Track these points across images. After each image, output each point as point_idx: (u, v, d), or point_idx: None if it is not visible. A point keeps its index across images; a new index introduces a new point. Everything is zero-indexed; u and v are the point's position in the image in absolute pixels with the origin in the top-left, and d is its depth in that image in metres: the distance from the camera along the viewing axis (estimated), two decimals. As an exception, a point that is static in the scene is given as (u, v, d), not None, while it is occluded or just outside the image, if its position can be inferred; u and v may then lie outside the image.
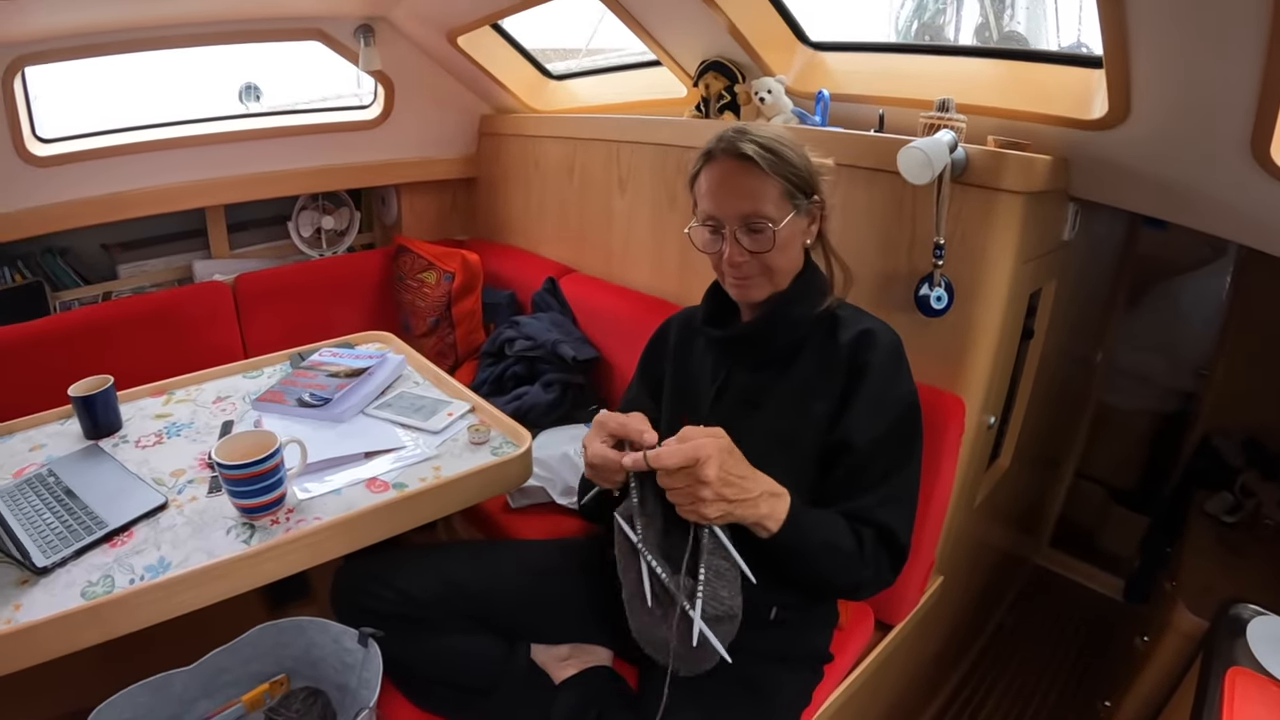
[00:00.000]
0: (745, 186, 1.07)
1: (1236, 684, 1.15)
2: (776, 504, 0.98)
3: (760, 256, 1.09)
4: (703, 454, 0.92)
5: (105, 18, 1.93)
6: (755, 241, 1.08)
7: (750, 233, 1.08)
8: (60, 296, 2.30)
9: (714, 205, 1.10)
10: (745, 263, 1.09)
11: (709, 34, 1.84)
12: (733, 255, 1.09)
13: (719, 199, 1.09)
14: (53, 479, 1.32)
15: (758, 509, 0.96)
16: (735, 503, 0.94)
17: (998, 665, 2.17)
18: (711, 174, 1.10)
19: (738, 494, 0.94)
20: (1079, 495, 2.65)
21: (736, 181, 1.07)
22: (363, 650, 1.14)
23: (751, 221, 1.07)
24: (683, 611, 0.96)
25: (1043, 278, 1.66)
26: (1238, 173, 1.28)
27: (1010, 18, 2.19)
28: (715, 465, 0.92)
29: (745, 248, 1.09)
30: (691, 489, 0.93)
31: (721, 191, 1.09)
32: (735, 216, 1.08)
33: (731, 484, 0.94)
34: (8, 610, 1.02)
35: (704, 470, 0.91)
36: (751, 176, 1.07)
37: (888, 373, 1.10)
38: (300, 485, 1.29)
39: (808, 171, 1.10)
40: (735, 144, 1.07)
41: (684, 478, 0.93)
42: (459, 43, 2.35)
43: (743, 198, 1.07)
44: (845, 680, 1.35)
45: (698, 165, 1.13)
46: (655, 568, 1.00)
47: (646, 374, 1.36)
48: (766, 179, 1.06)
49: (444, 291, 2.43)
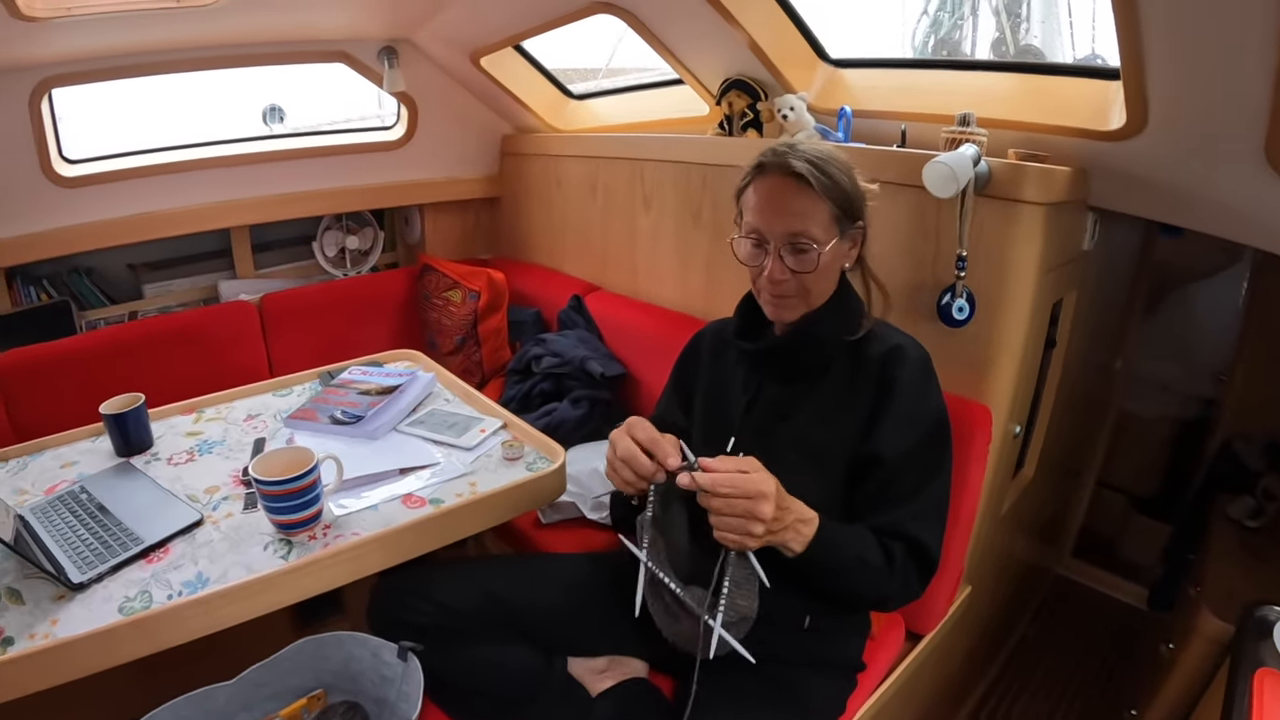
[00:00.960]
0: (795, 205, 1.07)
1: (1266, 685, 1.15)
2: (803, 529, 1.00)
3: (801, 277, 1.09)
4: (765, 491, 0.94)
5: (131, 40, 1.96)
6: (799, 262, 1.09)
7: (795, 252, 1.09)
8: (86, 316, 2.33)
9: (761, 221, 1.10)
10: (785, 281, 1.10)
11: (731, 52, 1.87)
12: (774, 273, 1.09)
13: (767, 215, 1.09)
14: (85, 495, 1.33)
15: (784, 535, 0.98)
16: (776, 533, 0.97)
17: (1022, 676, 2.16)
18: (761, 188, 1.10)
19: (779, 526, 0.97)
20: (1100, 504, 2.64)
21: (787, 199, 1.08)
22: (401, 664, 1.15)
23: (798, 241, 1.08)
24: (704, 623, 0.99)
25: (1064, 287, 1.67)
26: (1253, 178, 1.30)
27: (1026, 31, 2.22)
28: (773, 505, 0.94)
29: (788, 266, 1.09)
30: (744, 523, 0.94)
31: (770, 208, 1.09)
32: (782, 234, 1.08)
33: (779, 518, 0.96)
34: (44, 625, 1.03)
35: (762, 508, 0.93)
36: (803, 196, 1.07)
37: (917, 388, 1.11)
38: (336, 501, 1.31)
39: (855, 195, 1.11)
40: (788, 160, 1.07)
41: (742, 509, 0.93)
42: (482, 63, 2.39)
43: (791, 216, 1.07)
44: (878, 690, 1.35)
45: (748, 178, 1.13)
46: (665, 581, 1.02)
47: (678, 386, 1.38)
48: (817, 200, 1.07)
49: (470, 310, 2.45)
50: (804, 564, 1.01)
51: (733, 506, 0.94)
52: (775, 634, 1.08)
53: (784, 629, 1.11)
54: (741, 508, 0.93)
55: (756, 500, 0.93)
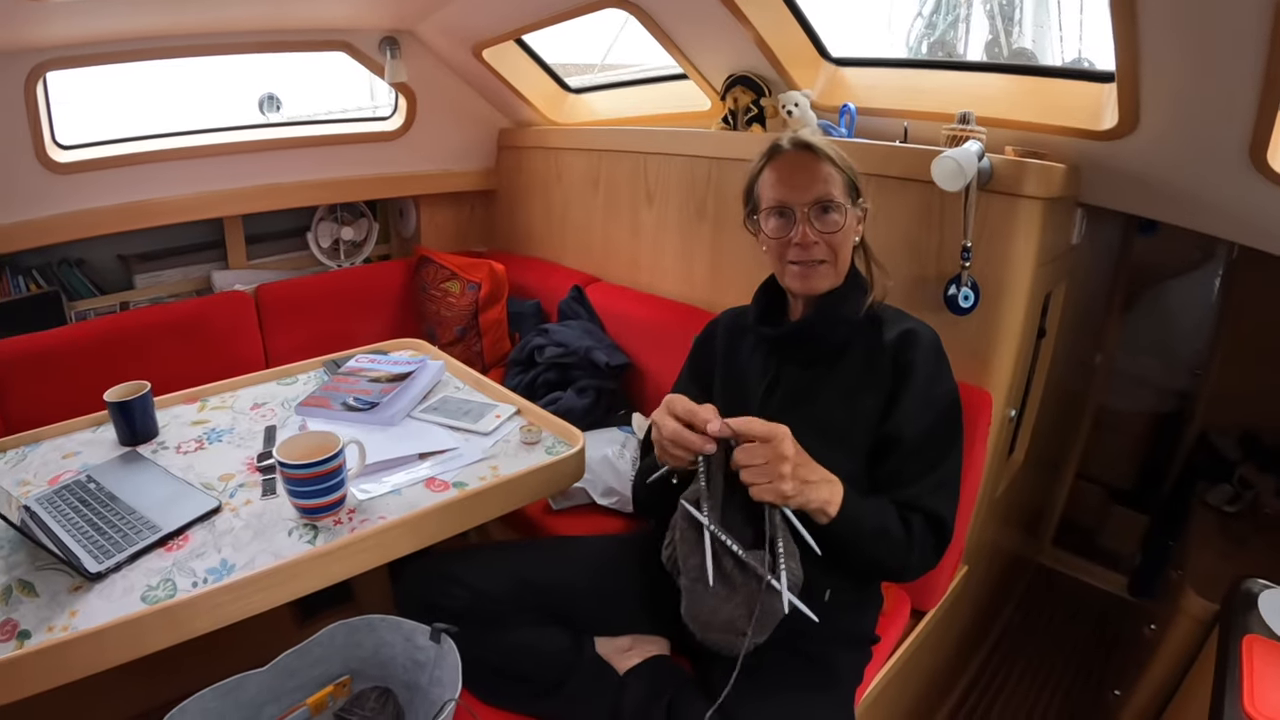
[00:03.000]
0: (817, 172, 1.15)
1: (1254, 650, 1.23)
2: (834, 490, 1.04)
3: (830, 238, 1.15)
4: (780, 431, 0.99)
5: (130, 25, 1.94)
6: (827, 223, 1.15)
7: (823, 214, 1.15)
8: (76, 307, 2.30)
9: (785, 191, 1.16)
10: (817, 244, 1.15)
11: (737, 48, 1.90)
12: (807, 235, 1.15)
13: (791, 185, 1.16)
14: (93, 485, 1.31)
15: (821, 492, 1.02)
16: (808, 484, 1.01)
17: (1009, 660, 2.22)
18: (780, 165, 1.18)
19: (809, 474, 1.01)
20: (1080, 495, 2.73)
21: (808, 169, 1.16)
22: (434, 647, 1.16)
23: (825, 202, 1.15)
24: (767, 584, 1.02)
25: (1055, 280, 1.75)
26: (1238, 178, 1.38)
27: (1019, 34, 2.28)
28: (791, 443, 0.99)
29: (818, 228, 1.15)
30: (771, 465, 0.98)
31: (794, 178, 1.16)
32: (809, 199, 1.15)
33: (805, 463, 1.01)
34: (63, 618, 1.00)
35: (784, 446, 0.98)
36: (821, 165, 1.15)
37: (931, 370, 1.17)
38: (358, 486, 1.31)
39: (857, 174, 1.19)
40: (800, 138, 1.17)
41: (765, 452, 0.98)
42: (484, 56, 2.40)
43: (815, 182, 1.15)
44: (888, 662, 1.41)
45: (760, 163, 1.21)
46: (729, 543, 1.04)
47: (695, 372, 1.41)
48: (834, 168, 1.16)
49: (470, 301, 2.46)
50: (833, 533, 1.05)
51: (758, 452, 0.98)
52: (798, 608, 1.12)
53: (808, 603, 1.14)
54: (762, 453, 0.98)
55: (775, 440, 0.98)
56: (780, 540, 1.03)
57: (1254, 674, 1.17)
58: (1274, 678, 1.16)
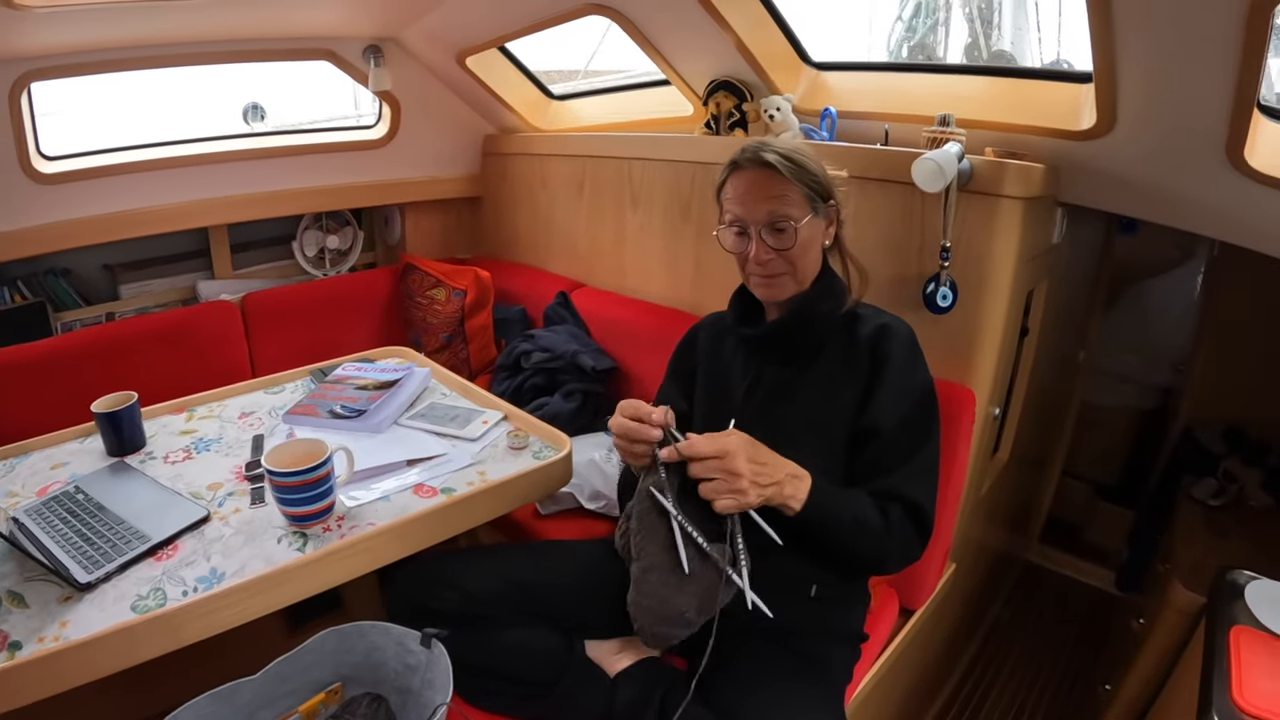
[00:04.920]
0: (769, 190, 1.18)
1: (1241, 640, 1.24)
2: (799, 484, 1.08)
3: (784, 254, 1.18)
4: (729, 447, 1.03)
5: (116, 34, 1.93)
6: (779, 240, 1.18)
7: (775, 232, 1.18)
8: (62, 317, 2.29)
9: (741, 209, 1.20)
10: (771, 260, 1.19)
11: (719, 54, 1.92)
12: (759, 253, 1.19)
13: (745, 203, 1.20)
14: (81, 495, 1.31)
15: (784, 490, 1.06)
16: (767, 487, 1.04)
17: (998, 657, 2.24)
18: (738, 181, 1.21)
19: (766, 479, 1.05)
20: (1066, 492, 2.75)
21: (761, 187, 1.18)
22: (426, 652, 1.16)
23: (776, 220, 1.17)
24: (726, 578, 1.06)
25: (1036, 278, 1.77)
26: (1215, 175, 1.41)
27: (998, 37, 2.31)
28: (743, 457, 1.03)
29: (770, 246, 1.18)
30: (727, 482, 1.02)
31: (748, 196, 1.19)
32: (761, 217, 1.18)
33: (760, 472, 1.04)
34: (53, 628, 1.00)
35: (735, 463, 1.02)
36: (775, 182, 1.17)
37: (906, 361, 1.20)
38: (347, 494, 1.31)
39: (825, 178, 1.21)
40: (759, 153, 1.18)
41: (714, 469, 1.02)
42: (468, 63, 2.40)
43: (767, 200, 1.18)
44: (878, 660, 1.42)
45: (724, 174, 1.24)
46: (692, 533, 1.07)
47: (678, 375, 1.43)
48: (788, 184, 1.17)
49: (456, 308, 2.46)
50: (804, 524, 1.08)
51: (708, 468, 1.03)
52: (786, 604, 1.13)
53: (794, 598, 1.17)
54: (715, 466, 1.03)
55: (726, 458, 1.02)
56: (740, 534, 1.07)
57: (1242, 665, 1.19)
58: (1262, 668, 1.18)
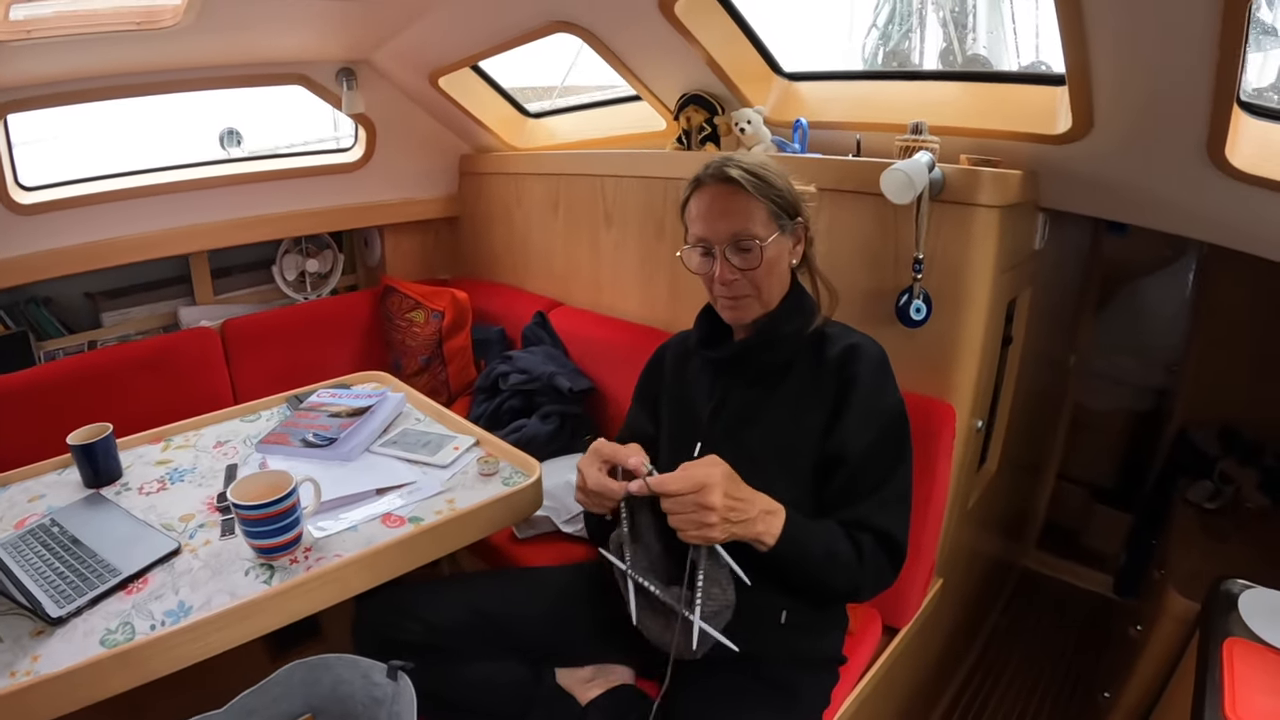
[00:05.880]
0: (733, 208, 1.14)
1: (1235, 653, 1.22)
2: (772, 521, 1.04)
3: (749, 274, 1.15)
4: (709, 481, 0.99)
5: (90, 64, 1.93)
6: (744, 259, 1.14)
7: (739, 251, 1.14)
8: (45, 346, 2.27)
9: (704, 228, 1.16)
10: (736, 280, 1.15)
11: (688, 68, 1.90)
12: (724, 274, 1.15)
13: (709, 221, 1.15)
14: (57, 529, 1.31)
15: (755, 527, 1.03)
16: (738, 524, 1.01)
17: (997, 665, 2.21)
18: (701, 199, 1.17)
19: (740, 516, 1.01)
20: (1062, 497, 2.73)
21: (724, 204, 1.14)
22: (392, 684, 1.15)
23: (740, 240, 1.13)
24: (683, 619, 1.03)
25: (1018, 286, 1.73)
26: (1196, 175, 1.38)
27: (973, 40, 2.29)
28: (719, 493, 0.99)
29: (735, 265, 1.14)
30: (697, 515, 0.99)
31: (711, 214, 1.15)
32: (725, 236, 1.14)
33: (735, 508, 1.01)
34: (25, 662, 1.00)
35: (709, 497, 0.98)
36: (738, 199, 1.13)
37: (874, 384, 1.16)
38: (315, 524, 1.30)
39: (791, 195, 1.17)
40: (722, 169, 1.14)
41: (688, 504, 0.99)
42: (440, 84, 2.39)
43: (730, 218, 1.14)
44: (860, 682, 1.38)
45: (687, 192, 1.20)
46: (648, 586, 1.07)
47: (644, 398, 1.41)
48: (752, 200, 1.13)
49: (434, 330, 2.45)
50: (776, 558, 1.05)
51: (682, 504, 0.99)
52: (755, 632, 1.11)
53: (762, 626, 1.14)
54: (690, 501, 0.99)
55: (701, 492, 0.98)
56: (702, 570, 1.04)
57: (1235, 678, 1.16)
58: (1255, 681, 1.16)
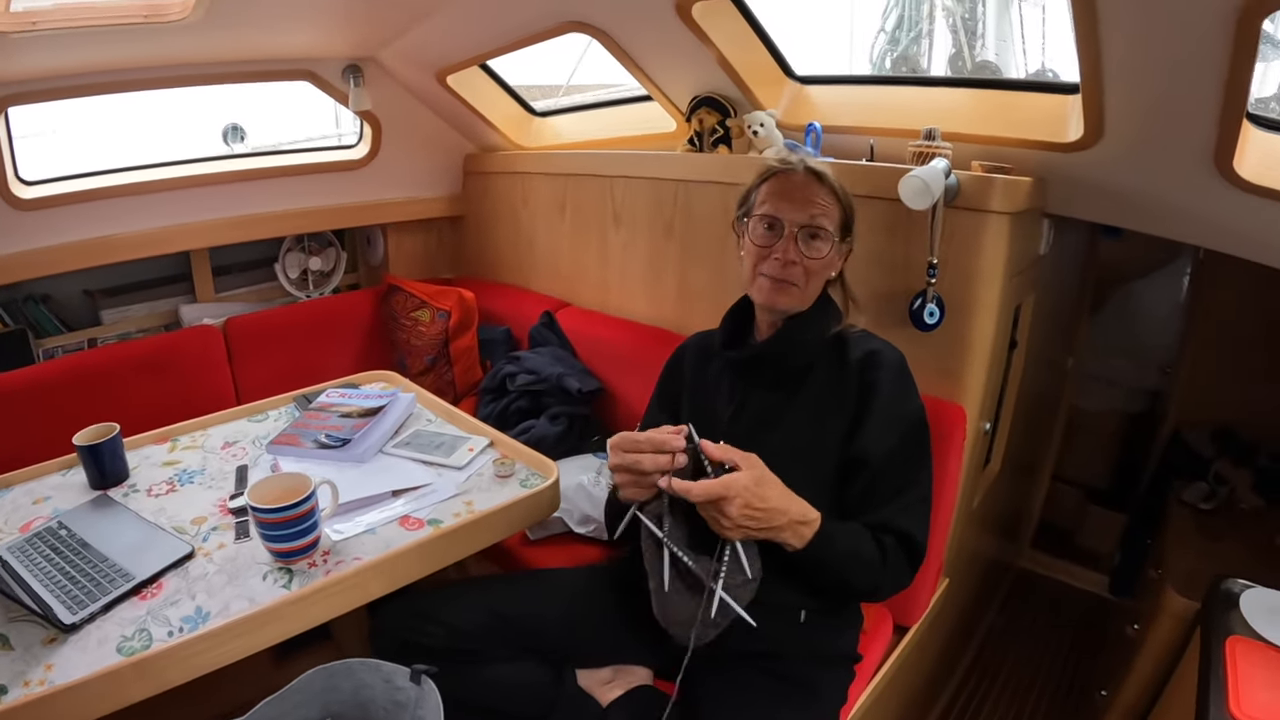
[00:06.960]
0: (817, 198, 1.17)
1: (1237, 651, 1.24)
2: (803, 530, 1.06)
3: (808, 264, 1.17)
4: (729, 492, 1.00)
5: (94, 58, 1.91)
6: (811, 248, 1.17)
7: (809, 238, 1.17)
8: (44, 344, 2.25)
9: (781, 208, 1.17)
10: (795, 265, 1.16)
11: (701, 70, 1.90)
12: (789, 252, 1.16)
13: (790, 200, 1.17)
14: (65, 532, 1.29)
15: (779, 535, 1.05)
16: (757, 531, 1.04)
17: (993, 666, 2.24)
18: (782, 182, 1.19)
19: (759, 525, 1.03)
20: (1057, 497, 2.76)
21: (808, 193, 1.17)
22: (415, 688, 1.15)
23: (815, 228, 1.16)
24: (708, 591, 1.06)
25: (1025, 292, 1.76)
26: (1203, 184, 1.40)
27: (981, 47, 2.31)
28: (738, 505, 1.01)
29: (802, 251, 1.16)
30: (715, 517, 1.02)
31: (794, 197, 1.17)
32: (802, 220, 1.16)
33: (753, 517, 1.02)
34: (38, 671, 0.99)
35: (727, 507, 1.00)
36: (823, 194, 1.17)
37: (896, 389, 1.18)
38: (331, 527, 1.29)
39: (853, 214, 1.21)
40: (807, 163, 1.19)
41: (710, 507, 1.02)
42: (448, 82, 2.38)
43: (811, 207, 1.16)
44: (873, 680, 1.40)
45: (763, 176, 1.22)
46: (680, 555, 1.08)
47: (664, 398, 1.42)
48: (834, 201, 1.17)
49: (440, 329, 2.44)
50: (801, 559, 1.07)
51: (702, 506, 1.02)
52: (774, 629, 1.13)
53: (782, 623, 1.16)
54: (713, 508, 1.01)
55: (719, 503, 1.00)
56: (727, 550, 1.07)
57: (1239, 676, 1.19)
58: (1259, 679, 1.18)
